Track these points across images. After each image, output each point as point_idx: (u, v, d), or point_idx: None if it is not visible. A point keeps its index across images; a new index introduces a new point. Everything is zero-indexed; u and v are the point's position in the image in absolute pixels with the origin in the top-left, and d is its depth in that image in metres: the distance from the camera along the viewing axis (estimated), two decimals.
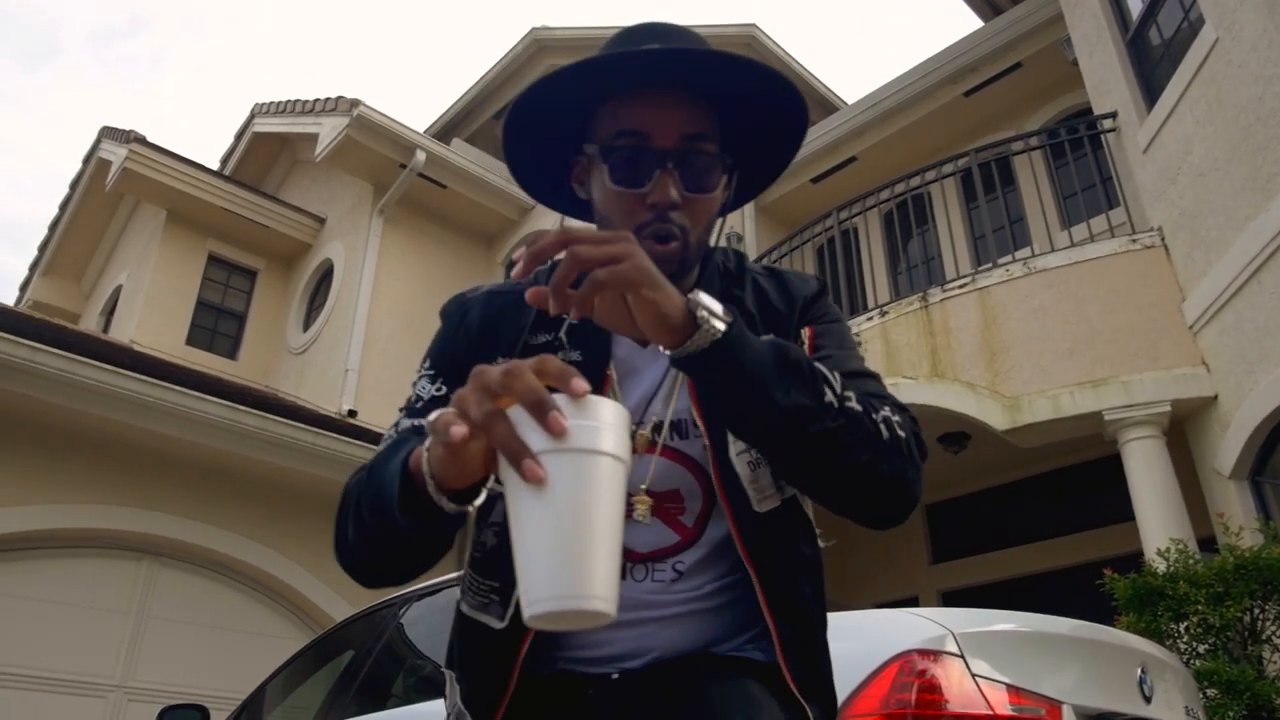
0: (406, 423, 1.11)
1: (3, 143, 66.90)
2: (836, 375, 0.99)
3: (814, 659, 1.08)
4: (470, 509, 0.86)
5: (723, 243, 1.25)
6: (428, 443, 0.83)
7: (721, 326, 0.89)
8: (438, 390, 1.14)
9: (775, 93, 1.11)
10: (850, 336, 1.22)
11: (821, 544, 1.17)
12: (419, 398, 1.14)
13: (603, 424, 0.71)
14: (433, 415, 0.77)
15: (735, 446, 1.07)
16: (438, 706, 2.26)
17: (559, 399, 0.71)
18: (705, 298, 0.90)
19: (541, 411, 0.70)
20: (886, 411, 1.02)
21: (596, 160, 1.10)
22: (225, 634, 6.53)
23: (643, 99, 1.08)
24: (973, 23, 8.73)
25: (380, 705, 3.12)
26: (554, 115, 1.13)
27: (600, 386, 1.08)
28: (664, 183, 1.05)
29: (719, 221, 1.17)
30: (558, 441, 0.69)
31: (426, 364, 1.18)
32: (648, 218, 1.05)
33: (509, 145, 1.17)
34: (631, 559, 1.09)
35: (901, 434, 1.02)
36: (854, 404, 0.98)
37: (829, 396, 0.96)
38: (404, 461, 0.87)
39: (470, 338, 1.16)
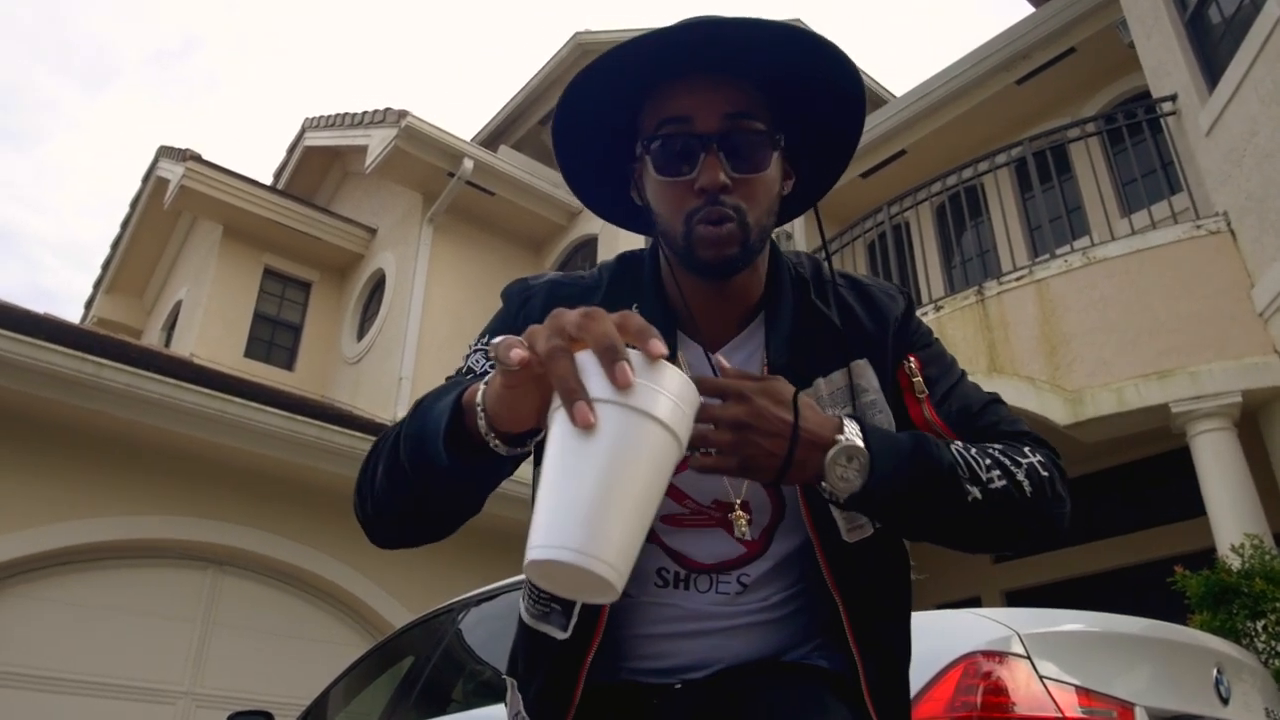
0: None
1: (67, 165, 69.03)
2: (978, 459, 0.97)
3: (895, 691, 1.05)
4: (520, 451, 0.83)
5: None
6: (487, 378, 0.81)
7: (858, 484, 0.89)
8: (491, 366, 1.08)
9: (822, 63, 1.04)
10: (948, 353, 1.20)
11: (914, 576, 1.13)
12: (470, 370, 1.10)
13: (666, 391, 0.68)
14: (497, 340, 0.74)
15: None
16: (498, 712, 2.26)
17: (632, 355, 0.68)
18: (836, 450, 0.89)
19: (611, 358, 0.67)
20: (1028, 457, 1.01)
21: (644, 158, 1.06)
22: (289, 641, 6.63)
23: (680, 85, 1.03)
24: (1023, 9, 8.56)
25: (441, 710, 3.14)
26: (601, 125, 1.08)
27: None
28: (710, 166, 1.00)
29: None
30: (618, 394, 0.66)
31: (484, 339, 1.14)
32: (697, 204, 1.01)
33: (561, 158, 1.13)
34: (695, 570, 1.06)
35: (1045, 475, 1.00)
36: (997, 482, 0.96)
37: (973, 494, 0.95)
38: (458, 396, 0.85)
39: (531, 324, 1.11)
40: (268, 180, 11.96)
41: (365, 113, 10.43)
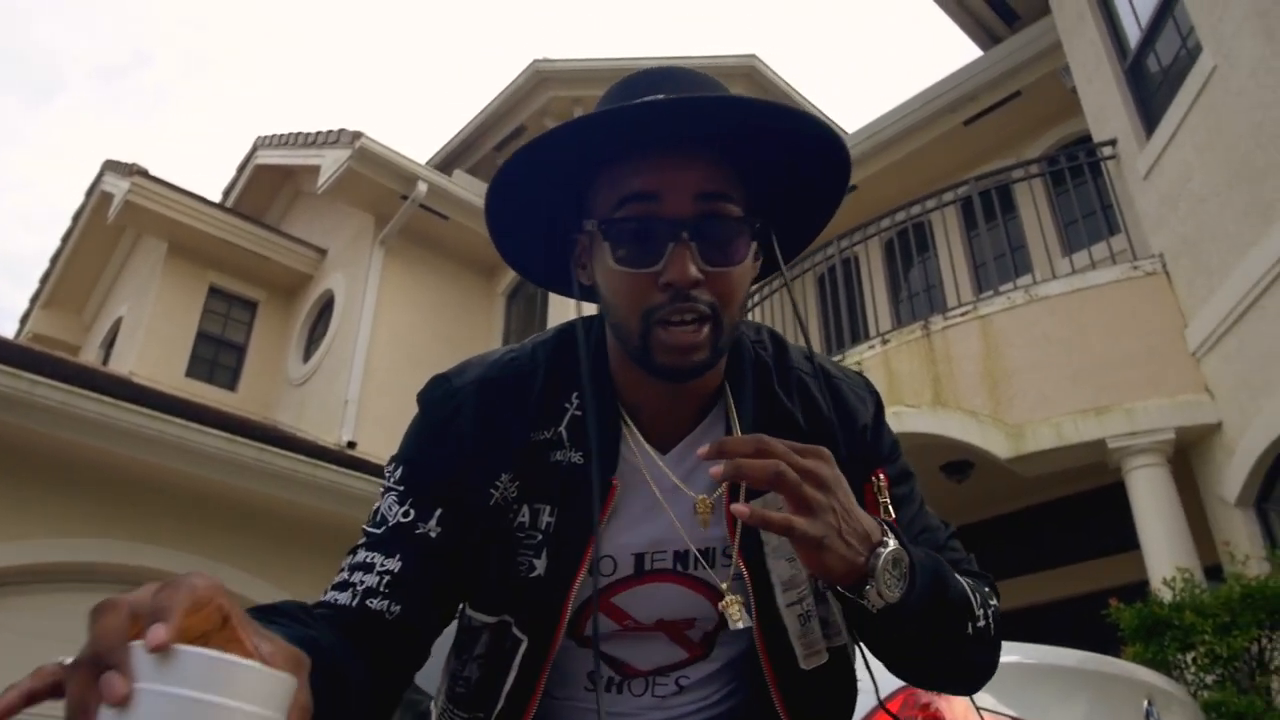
0: (364, 555, 0.93)
1: (7, 178, 67.40)
2: (974, 593, 0.92)
3: None
4: None
5: None
6: None
7: (897, 594, 0.79)
8: (405, 515, 0.94)
9: (807, 140, 0.92)
10: (909, 466, 1.11)
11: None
12: (384, 519, 0.95)
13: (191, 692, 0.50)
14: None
15: (785, 597, 0.95)
16: None
17: (140, 655, 0.51)
18: (887, 554, 0.78)
19: (91, 673, 0.51)
20: (993, 601, 0.98)
21: (598, 238, 0.91)
22: None
23: (647, 158, 0.89)
24: (972, 52, 8.79)
25: None
26: (545, 189, 0.94)
27: (603, 498, 0.93)
28: (680, 257, 0.86)
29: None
30: (118, 714, 0.50)
31: (397, 473, 0.97)
32: (660, 300, 0.87)
33: (494, 226, 0.97)
34: (630, 674, 1.02)
35: (995, 619, 0.96)
36: (984, 620, 0.93)
37: (971, 627, 0.91)
38: None
39: (463, 445, 0.96)
40: (216, 198, 11.79)
41: (319, 132, 10.35)
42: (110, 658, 0.51)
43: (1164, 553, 5.00)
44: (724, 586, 0.94)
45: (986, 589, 0.97)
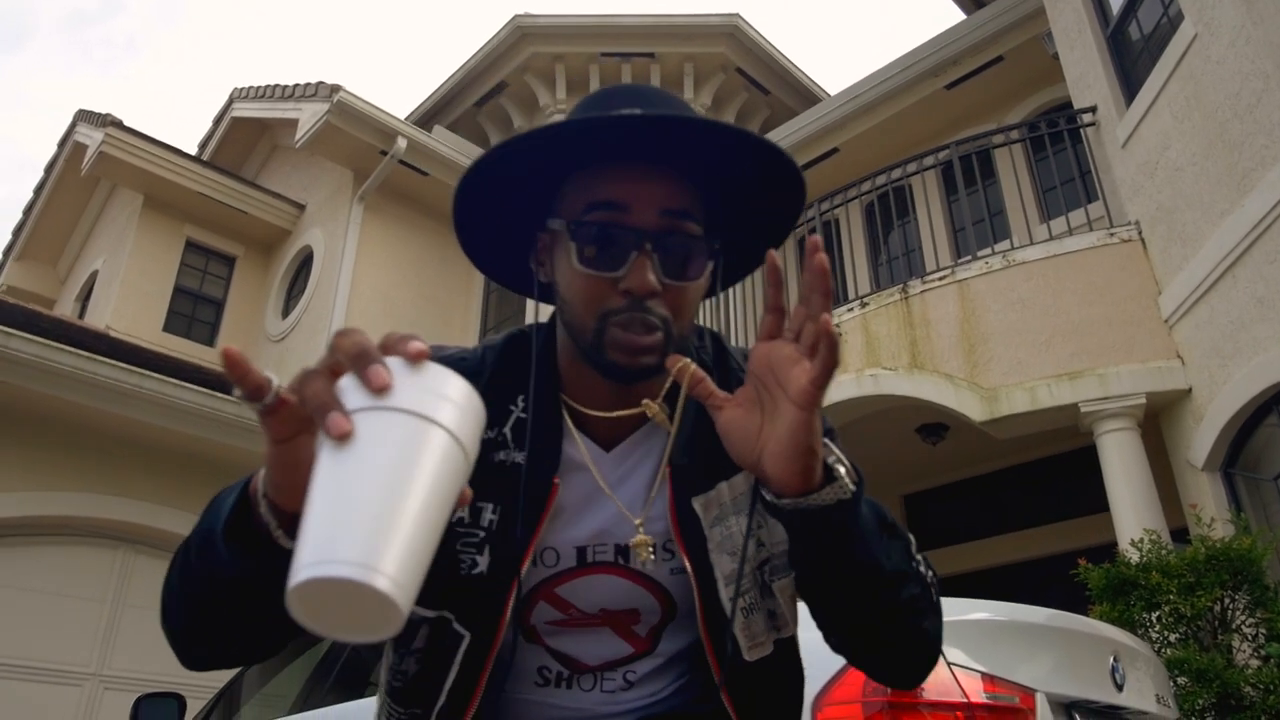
0: None
1: None
2: (912, 545, 0.93)
3: None
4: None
5: None
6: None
7: (853, 486, 0.80)
8: None
9: (770, 168, 0.96)
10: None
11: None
12: None
13: (434, 390, 0.60)
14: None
15: (728, 590, 0.97)
16: None
17: (394, 362, 0.61)
18: (832, 445, 0.81)
19: (363, 363, 0.59)
20: (925, 565, 0.97)
21: (563, 238, 0.95)
22: None
23: (617, 169, 0.94)
24: (955, 15, 8.76)
25: (359, 694, 3.12)
26: (512, 186, 0.98)
27: (545, 495, 0.97)
28: (641, 267, 0.90)
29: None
30: (376, 399, 0.59)
31: None
32: (619, 304, 0.92)
33: (459, 219, 1.02)
34: (579, 670, 1.03)
35: (935, 582, 0.96)
36: (923, 566, 0.94)
37: (915, 561, 0.92)
38: (245, 484, 0.77)
39: None
40: (193, 151, 11.62)
41: (297, 85, 10.19)
42: (366, 358, 0.60)
43: (1132, 515, 5.11)
44: (638, 524, 0.97)
45: (920, 552, 0.98)
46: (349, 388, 0.60)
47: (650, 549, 0.96)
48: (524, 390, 1.00)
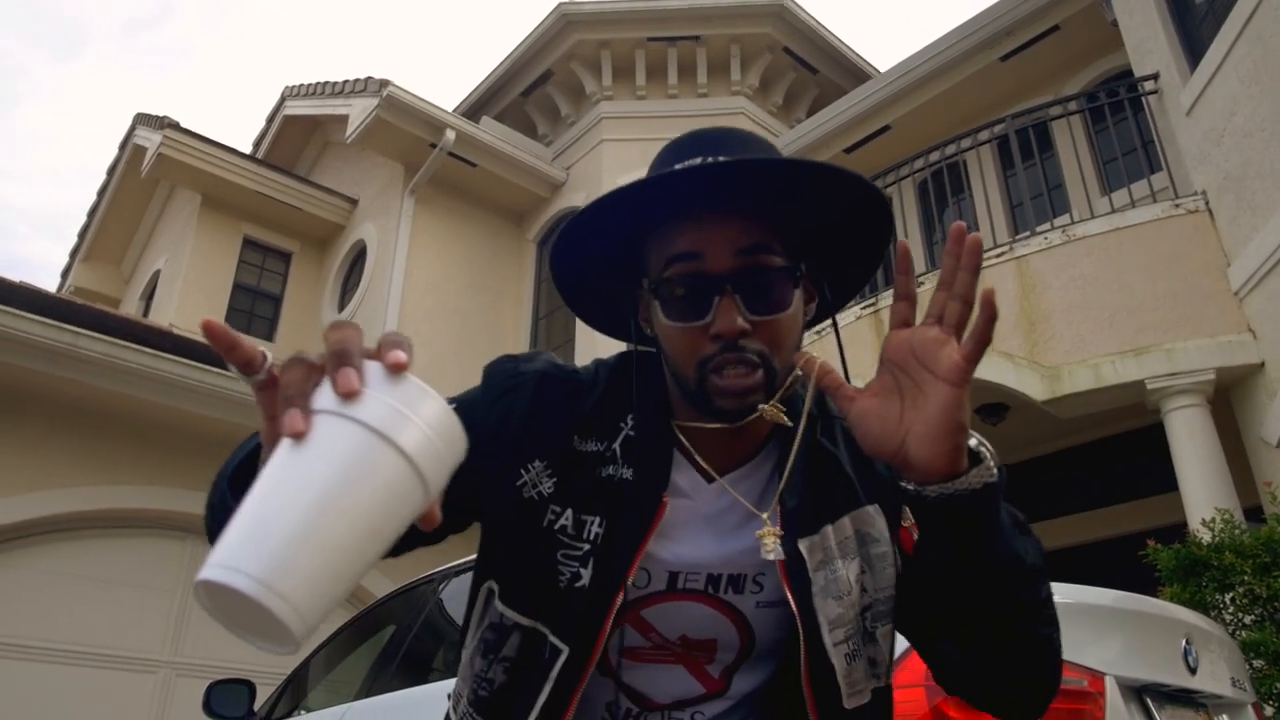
0: None
1: (39, 134, 67.94)
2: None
3: None
4: None
5: None
6: None
7: (996, 469, 0.80)
8: None
9: (841, 188, 0.96)
10: None
11: None
12: None
13: (408, 410, 0.57)
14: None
15: (832, 636, 0.95)
16: None
17: (374, 368, 0.59)
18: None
19: (337, 362, 0.58)
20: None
21: (649, 298, 0.99)
22: None
23: (688, 219, 0.95)
24: None
25: (422, 679, 3.16)
26: (602, 249, 1.02)
27: (653, 513, 0.96)
28: (726, 310, 0.91)
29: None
30: (341, 405, 0.56)
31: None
32: (712, 350, 0.93)
33: (562, 288, 1.07)
34: (648, 707, 1.02)
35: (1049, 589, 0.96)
36: (1044, 582, 0.93)
37: (1042, 559, 0.92)
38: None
39: (509, 419, 1.00)
40: (247, 149, 11.83)
41: (346, 81, 10.32)
42: (343, 358, 0.59)
43: (1203, 494, 4.97)
44: (764, 517, 0.97)
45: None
46: (326, 386, 0.59)
47: (777, 538, 0.96)
48: (634, 411, 1.02)
